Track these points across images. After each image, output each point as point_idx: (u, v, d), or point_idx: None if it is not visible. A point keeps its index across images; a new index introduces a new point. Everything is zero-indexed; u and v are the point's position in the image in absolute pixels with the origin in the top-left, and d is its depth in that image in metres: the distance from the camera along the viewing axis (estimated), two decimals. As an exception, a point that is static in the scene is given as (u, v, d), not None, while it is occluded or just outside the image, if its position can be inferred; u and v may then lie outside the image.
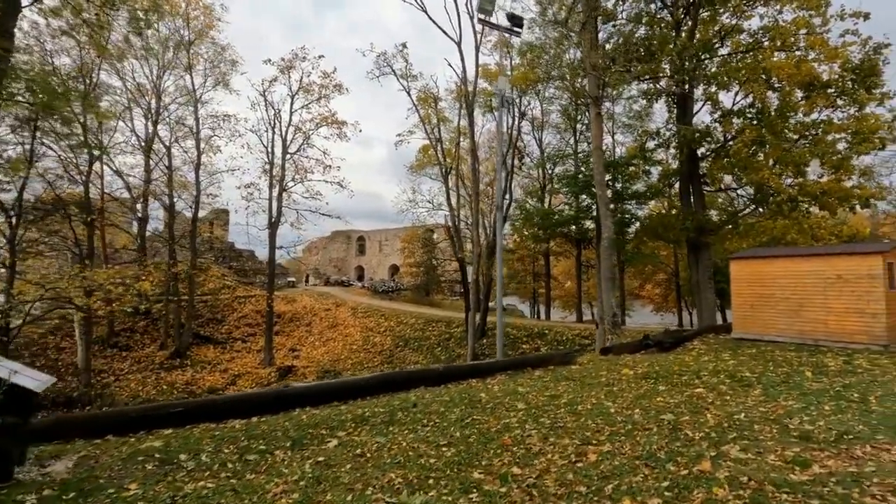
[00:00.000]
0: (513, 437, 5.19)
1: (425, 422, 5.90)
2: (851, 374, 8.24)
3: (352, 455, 4.79)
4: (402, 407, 6.58)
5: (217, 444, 5.18)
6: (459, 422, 5.83)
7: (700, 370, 8.79)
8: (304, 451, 4.95)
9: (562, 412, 6.21)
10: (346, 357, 28.72)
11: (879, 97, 17.17)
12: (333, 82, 30.58)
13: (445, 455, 4.70)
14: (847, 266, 11.00)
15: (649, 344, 12.10)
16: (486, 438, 5.19)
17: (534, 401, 6.85)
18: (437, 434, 5.40)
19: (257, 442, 5.25)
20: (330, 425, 5.82)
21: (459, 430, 5.52)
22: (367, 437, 5.38)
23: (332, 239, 77.91)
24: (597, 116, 15.88)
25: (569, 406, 6.50)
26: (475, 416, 6.08)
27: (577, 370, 9.45)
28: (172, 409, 6.19)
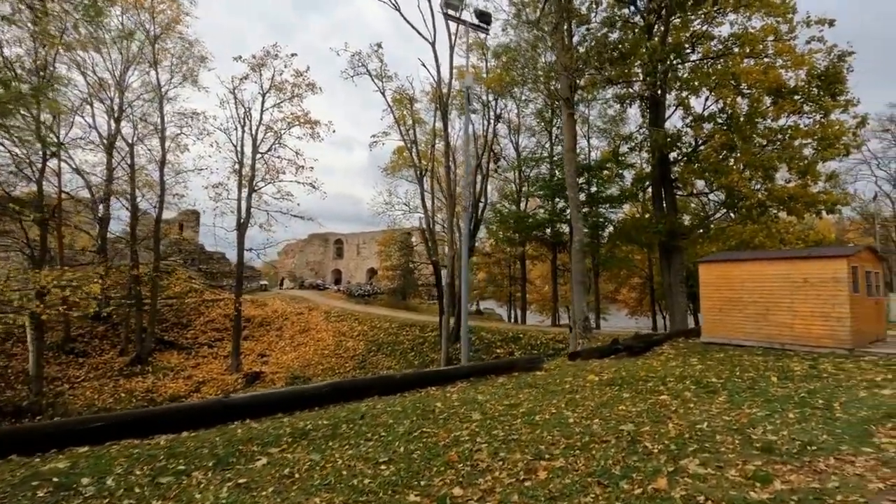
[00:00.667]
0: (460, 453, 4.79)
1: (370, 435, 5.45)
2: (817, 379, 8.10)
3: (278, 476, 4.31)
4: (349, 418, 6.12)
5: (131, 465, 4.64)
6: (406, 435, 5.41)
7: (666, 376, 8.55)
8: (226, 472, 4.45)
9: (518, 423, 5.84)
10: (317, 362, 27.97)
11: (844, 104, 17.44)
12: (306, 81, 29.95)
13: (383, 474, 4.27)
14: (813, 270, 10.97)
15: (619, 349, 11.87)
16: (432, 454, 4.78)
17: (491, 410, 6.46)
18: (380, 450, 4.96)
19: (177, 461, 4.72)
20: (264, 440, 5.32)
21: (405, 444, 5.10)
22: (302, 453, 4.91)
23: (308, 242, 76.64)
24: (569, 118, 15.71)
25: (527, 416, 6.13)
26: (425, 428, 5.67)
27: (542, 377, 9.12)
28: (92, 424, 5.60)
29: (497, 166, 29.56)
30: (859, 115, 17.36)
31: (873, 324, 11.66)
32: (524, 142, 34.01)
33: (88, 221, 28.34)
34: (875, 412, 5.93)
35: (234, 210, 28.31)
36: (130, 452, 5.04)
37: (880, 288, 12.34)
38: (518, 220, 22.94)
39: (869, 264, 11.71)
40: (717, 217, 20.50)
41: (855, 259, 10.91)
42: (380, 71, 29.74)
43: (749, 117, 18.02)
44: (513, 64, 20.79)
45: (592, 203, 25.44)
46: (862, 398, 6.67)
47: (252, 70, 29.19)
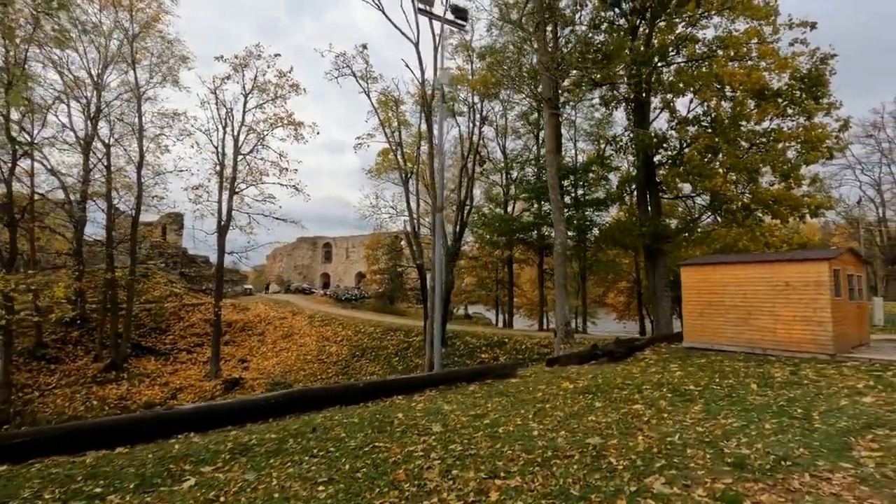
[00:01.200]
0: (409, 471, 4.40)
1: (317, 451, 5.04)
2: (797, 386, 7.82)
3: (203, 499, 3.90)
4: (300, 432, 5.70)
5: (43, 487, 4.19)
6: (356, 451, 5.01)
7: (643, 383, 8.23)
8: (146, 496, 4.02)
9: (479, 436, 5.46)
10: (298, 368, 27.41)
11: (827, 107, 17.37)
12: (290, 82, 29.54)
13: (318, 497, 3.87)
14: (795, 273, 10.74)
15: (598, 354, 11.55)
16: (378, 473, 4.39)
17: (454, 422, 6.08)
18: (323, 468, 4.56)
19: (96, 482, 4.29)
20: (200, 457, 4.89)
21: (352, 461, 4.70)
22: (237, 472, 4.49)
23: (296, 246, 75.94)
24: (551, 118, 15.45)
25: (490, 428, 5.76)
26: (378, 442, 5.27)
27: (515, 384, 8.76)
28: (14, 440, 5.14)
29: (483, 169, 29.27)
30: (842, 119, 17.27)
31: (856, 328, 11.45)
32: (511, 145, 33.84)
33: (64, 224, 27.60)
34: (855, 422, 5.64)
35: (215, 212, 27.71)
36: (49, 472, 4.59)
37: (863, 291, 12.15)
38: (502, 223, 22.63)
39: (851, 267, 11.52)
40: (702, 220, 20.33)
41: (837, 262, 10.70)
42: (365, 72, 29.42)
43: (733, 120, 17.89)
44: (497, 65, 20.52)
45: (578, 206, 25.21)
46: (842, 407, 6.39)
47: (234, 70, 28.73)
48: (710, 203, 19.30)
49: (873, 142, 45.81)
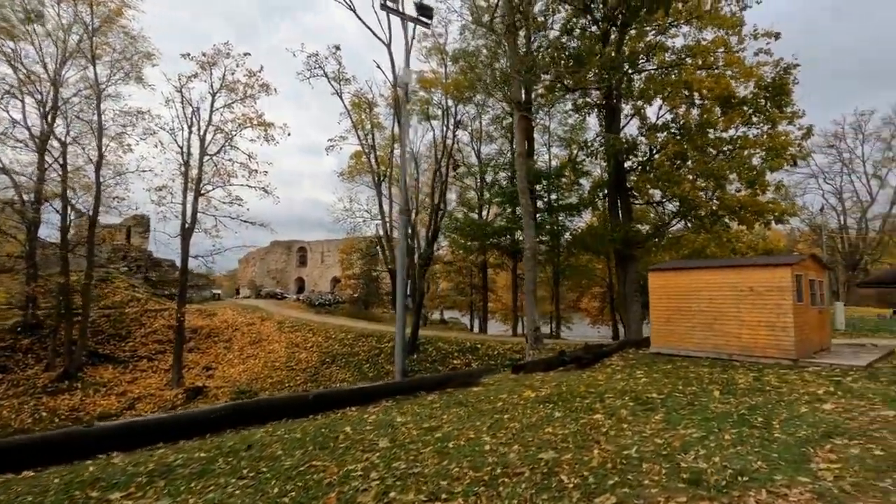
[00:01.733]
0: (343, 494, 4.02)
1: (247, 472, 4.61)
2: (760, 392, 7.72)
3: (98, 534, 3.43)
4: (234, 449, 5.25)
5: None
6: (290, 471, 4.59)
7: (606, 391, 8.01)
8: (35, 529, 3.53)
9: (427, 451, 5.11)
10: (266, 375, 26.55)
11: (790, 115, 17.75)
12: (259, 81, 28.77)
13: (232, 528, 3.45)
14: (758, 278, 10.75)
15: (565, 361, 11.34)
16: (308, 497, 3.99)
17: (403, 436, 5.71)
18: (249, 492, 4.14)
19: (-19, 515, 3.77)
20: (113, 481, 4.41)
21: (282, 484, 4.29)
22: (150, 499, 4.03)
23: (270, 250, 74.45)
24: (521, 121, 15.29)
25: (440, 442, 5.41)
26: (317, 461, 4.86)
27: (476, 393, 8.44)
28: None
29: (456, 173, 29.04)
30: (804, 127, 17.66)
31: (818, 333, 11.54)
32: (486, 149, 33.72)
33: (16, 225, 26.21)
34: (814, 431, 5.50)
35: (179, 214, 26.71)
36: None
37: (825, 297, 12.29)
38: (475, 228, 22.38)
39: (813, 273, 11.62)
40: (672, 226, 20.49)
41: (799, 267, 10.75)
42: (337, 73, 29.01)
43: (701, 126, 18.11)
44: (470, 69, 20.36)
45: (552, 211, 25.17)
46: (802, 414, 6.27)
47: (201, 68, 27.84)
48: (679, 209, 19.47)
49: (835, 152, 47.47)
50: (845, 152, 47.28)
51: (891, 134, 44.98)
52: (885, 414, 6.19)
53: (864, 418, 6.07)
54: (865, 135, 46.21)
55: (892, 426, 5.71)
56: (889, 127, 44.96)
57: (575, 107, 22.55)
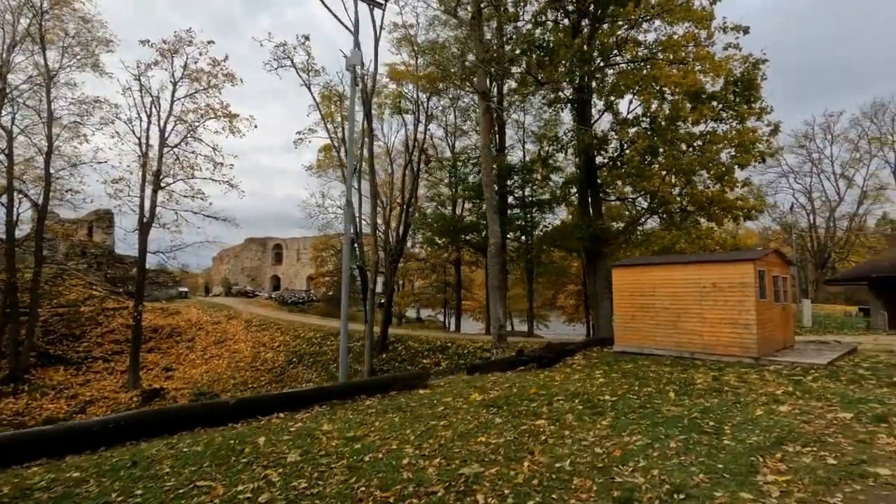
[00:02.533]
0: (214, 523, 3.40)
1: (116, 496, 3.95)
2: (717, 393, 7.33)
3: None
4: (115, 467, 4.57)
5: None
6: (169, 493, 3.96)
7: (558, 393, 7.53)
8: None
9: (339, 466, 4.52)
10: (229, 376, 25.60)
11: (759, 111, 17.59)
12: (224, 71, 27.68)
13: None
14: (721, 274, 10.42)
15: (524, 360, 10.86)
16: (172, 527, 3.36)
17: (320, 448, 5.11)
18: (105, 521, 3.48)
19: None
20: (-53, 511, 3.70)
21: (149, 510, 3.64)
22: (-23, 534, 3.34)
23: (245, 247, 72.84)
24: (486, 112, 14.77)
25: (358, 455, 4.83)
26: (204, 480, 4.23)
27: (421, 396, 7.87)
28: None
29: (428, 167, 28.41)
30: (773, 123, 17.52)
31: (781, 330, 11.30)
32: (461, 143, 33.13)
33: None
34: (767, 437, 5.08)
35: (137, 208, 25.51)
36: None
37: (788, 293, 12.06)
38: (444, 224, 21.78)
39: (777, 269, 11.36)
40: (643, 223, 20.23)
41: (762, 263, 10.46)
42: (307, 64, 28.06)
43: (671, 121, 17.84)
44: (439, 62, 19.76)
45: (525, 207, 24.73)
46: (757, 418, 5.86)
47: (162, 56, 26.65)
48: (650, 205, 19.21)
49: (805, 152, 48.26)
50: (815, 152, 48.15)
51: (858, 135, 45.94)
52: (842, 416, 5.83)
53: (821, 421, 5.70)
54: (834, 136, 47.11)
55: (848, 430, 5.35)
56: (856, 128, 45.89)
57: (547, 101, 22.13)
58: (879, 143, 45.06)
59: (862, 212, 46.91)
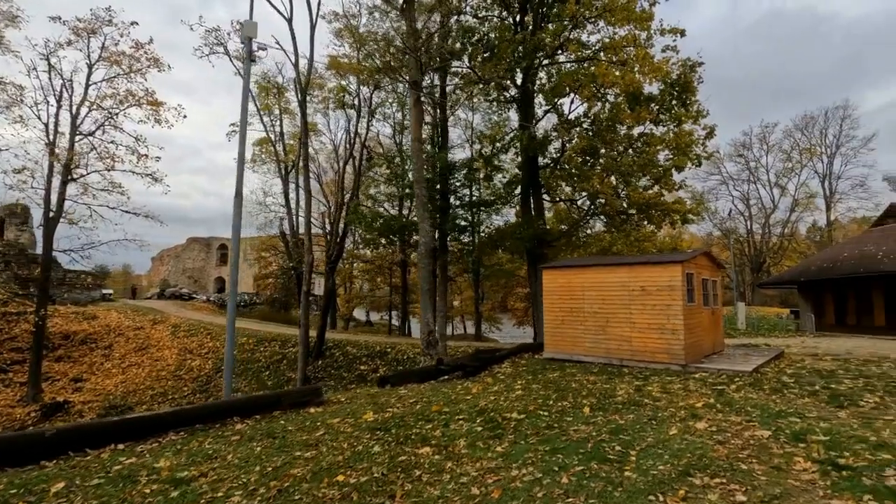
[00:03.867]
0: None
1: None
2: (635, 407, 6.67)
3: None
4: None
5: None
6: None
7: (463, 412, 6.66)
8: None
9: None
10: (148, 386, 23.45)
11: (695, 114, 17.60)
12: (148, 55, 25.49)
13: None
14: (649, 277, 9.93)
15: (443, 370, 9.98)
16: None
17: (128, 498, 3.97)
18: None
19: None
20: None
21: None
22: None
23: (186, 247, 69.04)
24: (416, 104, 13.88)
25: (167, 507, 3.73)
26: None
27: (306, 417, 6.80)
28: None
29: (370, 164, 27.24)
30: (708, 126, 17.55)
31: (711, 336, 10.96)
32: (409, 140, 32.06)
33: None
34: (674, 465, 4.37)
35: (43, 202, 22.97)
36: None
37: (718, 297, 11.79)
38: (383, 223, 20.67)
39: (707, 272, 11.03)
40: (583, 224, 19.90)
41: (691, 265, 10.05)
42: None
43: (610, 122, 17.56)
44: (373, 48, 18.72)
45: (470, 207, 23.96)
46: (670, 439, 5.19)
47: (76, 35, 24.22)
48: (589, 207, 18.90)
49: (743, 160, 50.36)
50: (752, 161, 50.33)
51: (790, 146, 48.34)
52: (760, 435, 5.24)
53: (736, 441, 5.08)
54: (769, 145, 49.40)
55: (764, 453, 4.75)
56: (789, 139, 48.29)
57: (489, 100, 21.54)
58: (809, 153, 47.59)
59: (794, 219, 49.42)
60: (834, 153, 46.85)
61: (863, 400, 6.79)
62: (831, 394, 7.18)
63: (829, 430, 5.28)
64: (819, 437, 5.04)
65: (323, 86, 29.74)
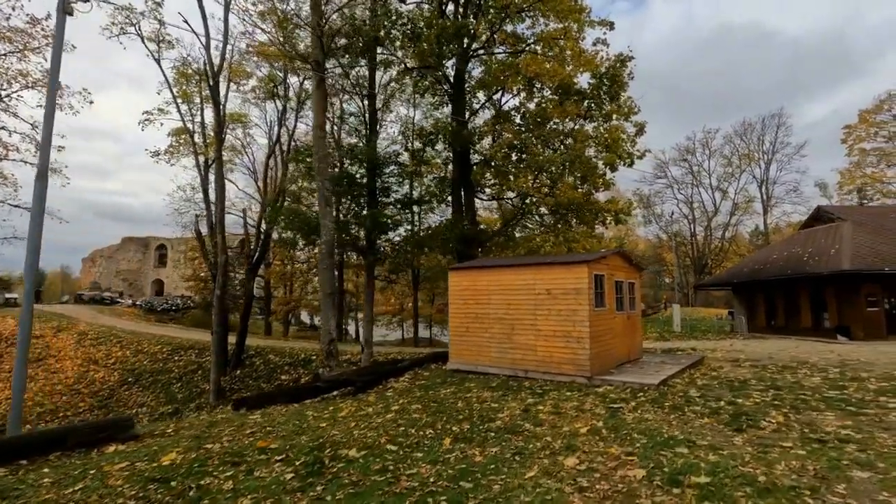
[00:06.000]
0: None
1: None
2: (508, 436, 5.56)
3: None
4: None
5: None
6: None
7: (290, 448, 5.34)
8: None
9: None
10: (38, 402, 20.81)
11: (626, 111, 17.00)
12: (44, 32, 22.83)
13: None
14: (554, 279, 8.93)
15: (319, 387, 8.62)
16: None
17: None
18: None
19: None
20: None
21: None
22: None
23: (121, 247, 64.53)
24: (319, 86, 12.46)
25: None
26: None
27: (86, 461, 5.29)
28: None
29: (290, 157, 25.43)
30: (639, 123, 16.97)
31: (625, 343, 10.10)
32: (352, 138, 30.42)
33: None
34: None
35: None
36: None
37: (636, 301, 10.98)
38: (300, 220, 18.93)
39: (621, 273, 10.18)
40: (513, 224, 18.96)
41: (600, 266, 9.12)
42: (158, 35, 24.01)
43: (538, 116, 16.70)
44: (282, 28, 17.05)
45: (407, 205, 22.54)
46: (520, 486, 4.07)
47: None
48: (521, 205, 17.99)
49: (687, 165, 51.47)
50: (695, 165, 51.51)
51: (731, 151, 49.76)
52: (633, 476, 4.20)
53: (602, 487, 4.02)
54: (711, 150, 50.69)
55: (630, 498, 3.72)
56: (729, 145, 49.69)
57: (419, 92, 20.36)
58: (748, 159, 49.12)
59: (734, 222, 50.84)
60: (770, 159, 48.56)
61: (766, 419, 5.94)
62: (735, 412, 6.31)
63: (715, 467, 4.29)
64: (699, 479, 4.03)
65: (252, 74, 27.77)
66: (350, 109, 25.14)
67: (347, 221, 20.33)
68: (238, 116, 28.29)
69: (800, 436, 5.30)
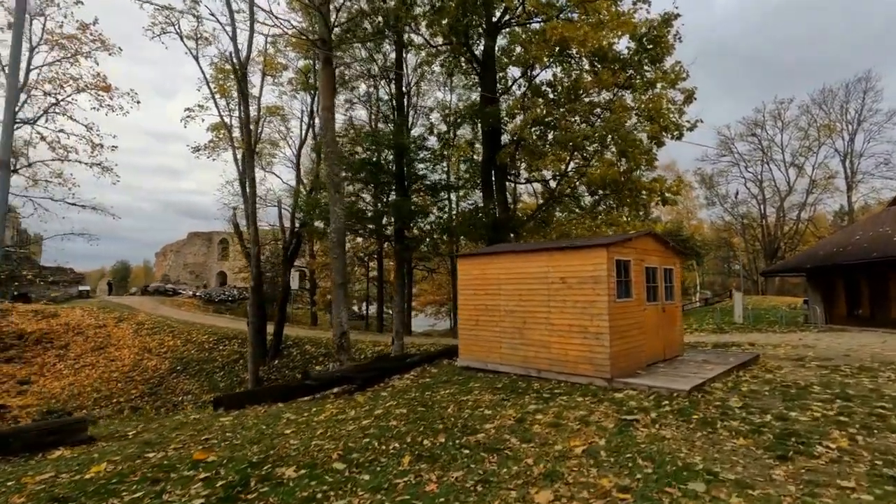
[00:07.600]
0: None
1: None
2: (483, 454, 4.62)
3: None
4: None
5: None
6: None
7: (225, 462, 4.68)
8: None
9: None
10: (96, 388, 22.10)
11: (673, 77, 15.11)
12: (93, 36, 23.91)
13: None
14: (570, 265, 7.76)
15: (310, 385, 8.01)
16: None
17: None
18: None
19: None
20: None
21: None
22: None
23: (188, 242, 68.52)
24: (326, 66, 11.80)
25: None
26: None
27: (17, 471, 4.89)
28: None
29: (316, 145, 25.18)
30: (687, 90, 15.04)
31: (659, 339, 8.73)
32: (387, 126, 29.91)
33: None
34: None
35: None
36: None
37: (674, 290, 9.50)
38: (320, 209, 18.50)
39: (655, 258, 8.78)
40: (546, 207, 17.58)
41: (624, 250, 7.82)
42: (196, 32, 24.54)
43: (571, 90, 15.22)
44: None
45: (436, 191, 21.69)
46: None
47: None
48: (556, 187, 16.63)
49: (756, 139, 46.85)
50: (765, 140, 46.77)
51: (807, 123, 44.65)
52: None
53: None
54: (784, 123, 45.75)
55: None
56: (805, 115, 44.60)
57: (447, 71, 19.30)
58: (828, 130, 43.87)
59: (812, 201, 45.74)
60: (856, 129, 42.96)
61: (824, 442, 4.59)
62: (782, 430, 4.98)
63: (733, 519, 3.14)
64: (706, 539, 2.92)
65: (287, 66, 27.90)
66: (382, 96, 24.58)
67: (377, 210, 19.81)
68: (275, 109, 28.56)
69: (868, 470, 3.96)
